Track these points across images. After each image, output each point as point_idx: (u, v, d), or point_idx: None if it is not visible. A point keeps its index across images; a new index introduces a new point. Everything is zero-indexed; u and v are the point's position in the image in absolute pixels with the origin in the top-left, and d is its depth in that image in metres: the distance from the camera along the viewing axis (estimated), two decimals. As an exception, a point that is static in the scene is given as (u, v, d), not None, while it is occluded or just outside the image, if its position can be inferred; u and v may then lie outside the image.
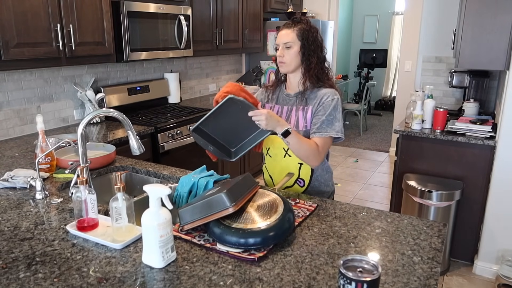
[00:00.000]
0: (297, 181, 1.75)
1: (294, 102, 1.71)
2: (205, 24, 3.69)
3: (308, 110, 1.67)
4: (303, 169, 1.73)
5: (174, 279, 1.04)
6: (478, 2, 2.53)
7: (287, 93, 1.75)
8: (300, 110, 1.68)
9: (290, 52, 1.64)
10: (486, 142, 2.58)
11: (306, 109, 1.67)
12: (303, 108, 1.68)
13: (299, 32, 1.62)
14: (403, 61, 4.98)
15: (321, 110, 1.63)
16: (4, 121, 2.57)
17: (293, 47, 1.63)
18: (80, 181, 1.26)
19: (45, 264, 1.10)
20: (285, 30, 1.64)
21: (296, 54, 1.64)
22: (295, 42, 1.63)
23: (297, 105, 1.70)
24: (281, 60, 1.65)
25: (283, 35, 1.64)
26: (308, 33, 1.63)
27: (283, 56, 1.64)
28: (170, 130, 2.95)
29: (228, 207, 1.18)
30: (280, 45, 1.65)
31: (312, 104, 1.66)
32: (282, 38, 1.64)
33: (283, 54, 1.64)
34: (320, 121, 1.61)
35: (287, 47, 1.63)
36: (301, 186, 1.76)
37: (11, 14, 2.17)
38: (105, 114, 1.54)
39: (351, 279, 0.85)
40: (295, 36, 1.62)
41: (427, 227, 1.34)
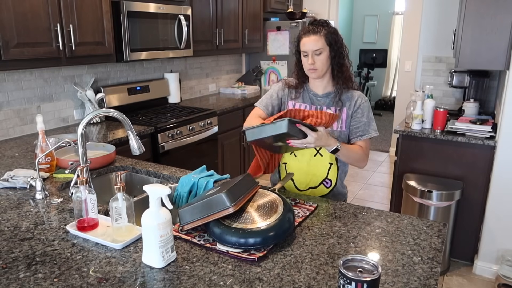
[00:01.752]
0: (324, 181, 1.74)
1: (324, 102, 1.71)
2: (205, 24, 3.69)
3: (343, 112, 1.69)
4: (332, 169, 1.73)
5: (174, 279, 1.04)
6: (478, 2, 2.53)
7: (314, 92, 1.73)
8: (333, 111, 1.68)
9: (321, 58, 1.61)
10: (486, 142, 2.58)
11: (339, 110, 1.69)
12: (335, 110, 1.68)
13: (326, 36, 1.60)
14: (403, 61, 4.98)
15: (360, 112, 1.68)
16: (4, 121, 2.57)
17: (323, 52, 1.61)
18: (80, 181, 1.26)
19: (45, 264, 1.10)
20: (312, 36, 1.60)
21: (327, 59, 1.63)
22: (324, 48, 1.61)
23: (328, 106, 1.70)
24: (313, 67, 1.62)
25: (312, 42, 1.60)
26: (334, 36, 1.62)
27: (315, 63, 1.62)
28: (170, 130, 2.95)
29: (228, 207, 1.18)
30: (309, 52, 1.61)
31: (346, 106, 1.69)
32: (311, 45, 1.60)
33: (314, 61, 1.61)
34: (362, 124, 1.67)
35: (317, 54, 1.61)
36: (327, 187, 1.75)
37: (11, 14, 2.17)
38: (105, 114, 1.54)
39: (351, 279, 0.85)
40: (324, 41, 1.60)
41: (427, 227, 1.34)
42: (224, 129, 3.64)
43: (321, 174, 1.72)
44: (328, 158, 1.70)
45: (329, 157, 1.70)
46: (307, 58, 1.63)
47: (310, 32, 1.61)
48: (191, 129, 3.15)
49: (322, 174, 1.72)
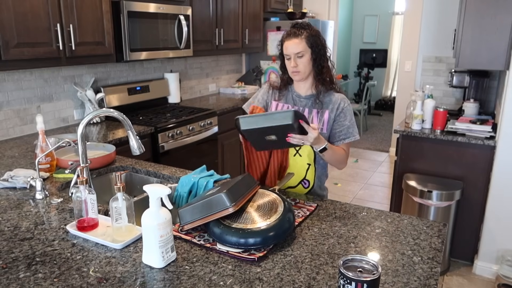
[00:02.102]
0: (302, 182, 1.75)
1: (306, 104, 1.73)
2: (205, 24, 3.69)
3: (325, 114, 1.71)
4: (310, 170, 1.74)
5: (174, 279, 1.04)
6: (478, 2, 2.53)
7: (297, 93, 1.76)
8: (315, 112, 1.71)
9: (303, 60, 1.64)
10: (486, 142, 2.58)
11: (321, 112, 1.71)
12: (317, 111, 1.71)
13: (307, 39, 1.62)
14: (403, 61, 4.98)
15: (343, 116, 1.70)
16: (4, 121, 2.57)
17: (305, 55, 1.64)
18: (80, 181, 1.26)
19: (45, 264, 1.10)
20: (293, 40, 1.63)
21: (309, 62, 1.65)
22: (306, 50, 1.63)
23: (309, 107, 1.73)
24: (295, 70, 1.66)
25: (293, 45, 1.63)
26: (316, 38, 1.64)
27: (297, 66, 1.65)
28: (170, 130, 2.95)
29: (228, 207, 1.18)
30: (291, 55, 1.64)
31: (329, 108, 1.70)
32: (293, 48, 1.63)
33: (297, 63, 1.64)
34: (345, 127, 1.69)
35: (299, 57, 1.63)
36: (305, 187, 1.76)
37: (11, 14, 2.17)
38: (105, 114, 1.54)
39: (351, 279, 0.85)
40: (305, 44, 1.62)
41: (427, 227, 1.34)
42: (224, 129, 3.64)
43: (300, 174, 1.74)
44: (306, 159, 1.72)
45: (307, 157, 1.72)
46: (290, 61, 1.65)
47: (291, 35, 1.64)
48: (191, 129, 3.15)
49: (301, 174, 1.74)
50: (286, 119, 1.41)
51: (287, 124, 1.41)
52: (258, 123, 1.46)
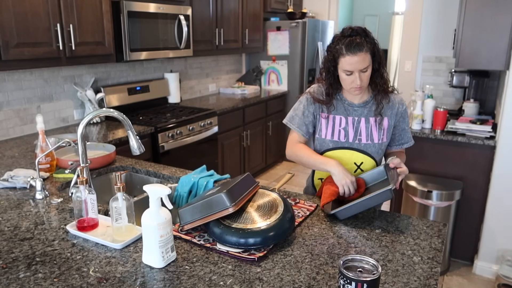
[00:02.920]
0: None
1: (362, 113, 1.58)
2: (205, 24, 3.69)
3: (384, 122, 1.58)
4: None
5: (174, 279, 1.04)
6: (478, 2, 2.53)
7: (349, 102, 1.59)
8: (372, 121, 1.58)
9: (367, 74, 1.47)
10: (486, 142, 2.58)
11: (379, 120, 1.58)
12: (375, 120, 1.57)
13: (370, 50, 1.45)
14: (403, 61, 4.97)
15: (402, 120, 1.62)
16: (4, 121, 2.57)
17: (369, 68, 1.47)
18: (80, 181, 1.26)
19: (45, 264, 1.10)
20: (359, 54, 1.42)
21: (370, 73, 1.49)
22: (370, 63, 1.47)
23: (366, 116, 1.58)
24: (359, 86, 1.46)
25: (359, 61, 1.42)
26: (376, 46, 1.48)
27: (362, 81, 1.46)
28: (170, 130, 2.95)
29: (228, 207, 1.18)
30: (354, 71, 1.44)
31: (387, 115, 1.58)
32: (359, 64, 1.43)
33: (362, 79, 1.46)
34: (404, 131, 1.64)
35: (363, 72, 1.45)
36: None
37: (11, 14, 2.17)
38: (105, 114, 1.54)
39: (351, 279, 0.85)
40: (369, 56, 1.45)
41: (427, 227, 1.34)
42: (224, 129, 3.64)
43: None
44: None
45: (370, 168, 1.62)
46: (351, 76, 1.46)
47: (355, 48, 1.42)
48: (191, 129, 3.15)
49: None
50: (386, 197, 1.32)
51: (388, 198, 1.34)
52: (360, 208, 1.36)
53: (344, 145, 1.60)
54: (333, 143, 1.60)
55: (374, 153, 1.61)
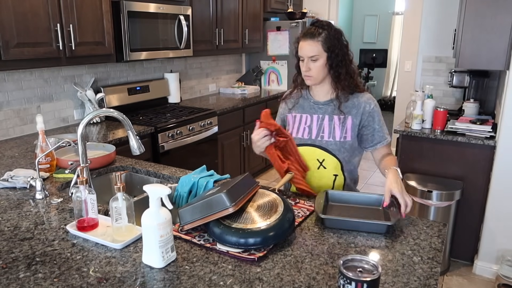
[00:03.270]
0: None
1: (326, 111, 1.63)
2: (205, 24, 3.69)
3: (348, 120, 1.60)
4: (337, 180, 1.68)
5: (174, 279, 1.04)
6: (478, 2, 2.53)
7: (315, 100, 1.66)
8: (336, 119, 1.61)
9: (317, 65, 1.53)
10: (486, 142, 2.58)
11: (344, 119, 1.60)
12: (339, 118, 1.61)
13: (324, 42, 1.50)
14: (403, 61, 4.98)
15: (371, 119, 1.60)
16: (4, 121, 2.57)
17: (320, 59, 1.52)
18: (80, 181, 1.26)
19: (45, 264, 1.10)
20: (309, 41, 1.50)
21: (323, 67, 1.54)
22: (321, 55, 1.52)
23: (330, 114, 1.62)
24: (308, 74, 1.55)
25: (307, 48, 1.51)
26: (334, 41, 1.52)
27: (310, 70, 1.54)
28: (170, 130, 2.95)
29: (228, 207, 1.18)
30: (305, 58, 1.53)
31: (352, 114, 1.60)
32: (307, 51, 1.51)
33: (309, 67, 1.53)
34: (376, 130, 1.61)
35: (312, 60, 1.52)
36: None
37: (11, 14, 2.17)
38: (105, 114, 1.54)
39: (351, 279, 0.85)
40: (321, 47, 1.51)
41: (427, 227, 1.34)
42: (224, 129, 3.64)
43: (327, 186, 1.67)
44: (332, 170, 1.65)
45: (334, 169, 1.65)
46: (303, 63, 1.56)
47: (308, 35, 1.52)
48: (191, 129, 3.15)
49: (328, 186, 1.67)
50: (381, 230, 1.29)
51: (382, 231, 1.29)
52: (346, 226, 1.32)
53: (307, 142, 1.65)
54: (297, 140, 1.65)
55: (336, 150, 1.63)
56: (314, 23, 1.55)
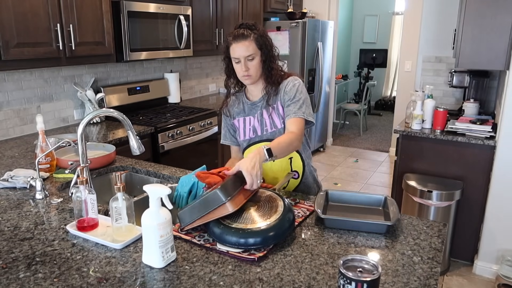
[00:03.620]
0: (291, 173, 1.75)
1: (261, 106, 1.70)
2: (205, 24, 3.69)
3: (279, 107, 1.67)
4: (294, 161, 1.73)
5: (174, 279, 1.04)
6: (478, 2, 2.53)
7: (251, 102, 1.72)
8: (271, 110, 1.67)
9: (254, 63, 1.58)
10: (486, 142, 2.58)
11: (276, 107, 1.67)
12: (273, 107, 1.67)
13: (256, 40, 1.57)
14: (403, 61, 4.98)
15: (287, 97, 1.63)
16: (4, 121, 2.57)
17: (255, 57, 1.58)
18: (80, 181, 1.26)
19: (45, 264, 1.10)
20: (243, 42, 1.55)
21: (259, 64, 1.60)
22: (256, 53, 1.58)
23: (265, 108, 1.68)
24: (247, 73, 1.59)
25: (243, 48, 1.55)
26: (264, 38, 1.59)
27: (249, 69, 1.58)
28: (170, 130, 2.95)
29: (224, 202, 1.17)
30: (241, 59, 1.57)
31: (280, 100, 1.66)
32: (242, 51, 1.56)
33: (248, 67, 1.58)
34: (286, 105, 1.63)
35: (249, 60, 1.57)
36: (295, 178, 1.76)
37: (11, 14, 2.17)
38: (105, 114, 1.54)
39: (351, 279, 0.85)
40: (255, 45, 1.57)
41: (427, 227, 1.34)
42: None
43: (285, 168, 1.73)
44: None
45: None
46: (240, 64, 1.58)
47: (239, 37, 1.56)
48: (191, 129, 3.15)
49: (286, 168, 1.73)
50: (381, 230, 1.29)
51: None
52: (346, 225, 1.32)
53: (255, 140, 1.73)
54: (246, 142, 1.75)
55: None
56: (241, 25, 1.60)
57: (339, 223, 1.32)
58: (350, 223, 1.31)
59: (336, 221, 1.32)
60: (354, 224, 1.31)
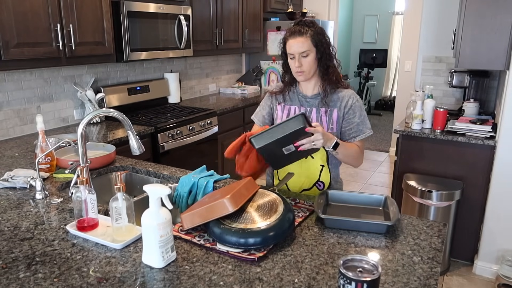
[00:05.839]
0: (317, 184, 1.73)
1: (314, 104, 1.69)
2: (205, 24, 3.69)
3: (333, 113, 1.67)
4: (324, 172, 1.72)
5: (174, 279, 1.04)
6: (478, 2, 2.53)
7: (303, 94, 1.72)
8: (323, 112, 1.68)
9: (308, 60, 1.60)
10: (486, 142, 2.58)
11: (330, 112, 1.67)
12: (325, 111, 1.67)
13: (312, 38, 1.58)
14: (403, 61, 4.98)
15: (351, 113, 1.66)
16: (4, 121, 2.57)
17: (310, 54, 1.59)
18: (80, 181, 1.26)
19: (45, 264, 1.10)
20: (299, 38, 1.57)
21: (314, 61, 1.61)
22: (311, 50, 1.58)
23: (317, 107, 1.69)
24: (300, 70, 1.61)
25: (298, 44, 1.57)
26: (321, 36, 1.60)
27: (302, 66, 1.60)
28: (170, 130, 2.95)
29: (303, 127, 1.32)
30: (295, 55, 1.59)
31: (337, 106, 1.67)
32: (298, 47, 1.57)
33: (301, 63, 1.60)
34: (354, 124, 1.66)
35: (303, 56, 1.59)
36: (320, 189, 1.73)
37: (11, 14, 2.17)
38: (105, 114, 1.54)
39: (351, 279, 0.85)
40: (310, 43, 1.58)
41: (427, 227, 1.34)
42: (224, 129, 3.64)
43: (314, 177, 1.72)
44: (319, 161, 1.70)
45: (320, 159, 1.69)
46: (294, 60, 1.61)
47: (296, 33, 1.58)
48: (191, 129, 3.15)
49: (314, 177, 1.72)
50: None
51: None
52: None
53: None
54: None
55: None
56: (299, 22, 1.62)
57: (339, 223, 1.32)
58: (350, 223, 1.31)
59: (336, 221, 1.32)
60: (354, 224, 1.31)
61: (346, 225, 1.31)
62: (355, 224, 1.31)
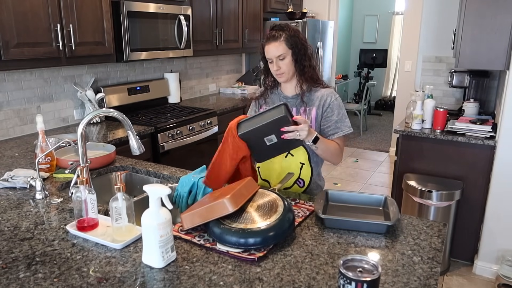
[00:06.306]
0: (297, 181, 1.76)
1: (294, 104, 1.74)
2: (205, 24, 3.69)
3: (312, 111, 1.71)
4: (304, 169, 1.74)
5: (174, 279, 1.04)
6: (478, 2, 2.53)
7: (284, 95, 1.78)
8: (302, 111, 1.72)
9: (286, 62, 1.66)
10: (486, 142, 2.58)
11: (308, 110, 1.71)
12: (305, 110, 1.71)
13: (286, 41, 1.63)
14: (403, 61, 4.98)
15: (330, 111, 1.69)
16: (4, 121, 2.57)
17: (286, 57, 1.65)
18: (80, 181, 1.26)
19: (45, 264, 1.10)
20: (273, 43, 1.64)
21: (291, 62, 1.67)
22: (287, 52, 1.65)
23: (297, 106, 1.73)
24: (279, 72, 1.67)
25: (274, 49, 1.64)
26: (295, 38, 1.65)
27: (280, 68, 1.66)
28: (170, 130, 2.95)
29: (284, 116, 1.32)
30: (273, 58, 1.66)
31: (315, 105, 1.71)
32: (274, 52, 1.64)
33: (279, 66, 1.66)
34: (333, 122, 1.68)
35: (280, 59, 1.65)
36: (300, 187, 1.77)
37: (11, 14, 2.17)
38: (105, 114, 1.54)
39: (351, 279, 0.85)
40: (285, 46, 1.64)
41: (427, 227, 1.34)
42: (224, 129, 3.59)
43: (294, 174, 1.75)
44: (299, 158, 1.73)
45: (301, 156, 1.73)
46: (272, 64, 1.67)
47: (271, 38, 1.65)
48: (191, 129, 3.15)
49: (295, 174, 1.75)
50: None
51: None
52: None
53: None
54: None
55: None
56: (273, 27, 1.68)
57: (339, 223, 1.32)
58: (350, 223, 1.31)
59: (336, 221, 1.32)
60: (354, 224, 1.31)
61: (346, 225, 1.31)
62: (355, 224, 1.31)
